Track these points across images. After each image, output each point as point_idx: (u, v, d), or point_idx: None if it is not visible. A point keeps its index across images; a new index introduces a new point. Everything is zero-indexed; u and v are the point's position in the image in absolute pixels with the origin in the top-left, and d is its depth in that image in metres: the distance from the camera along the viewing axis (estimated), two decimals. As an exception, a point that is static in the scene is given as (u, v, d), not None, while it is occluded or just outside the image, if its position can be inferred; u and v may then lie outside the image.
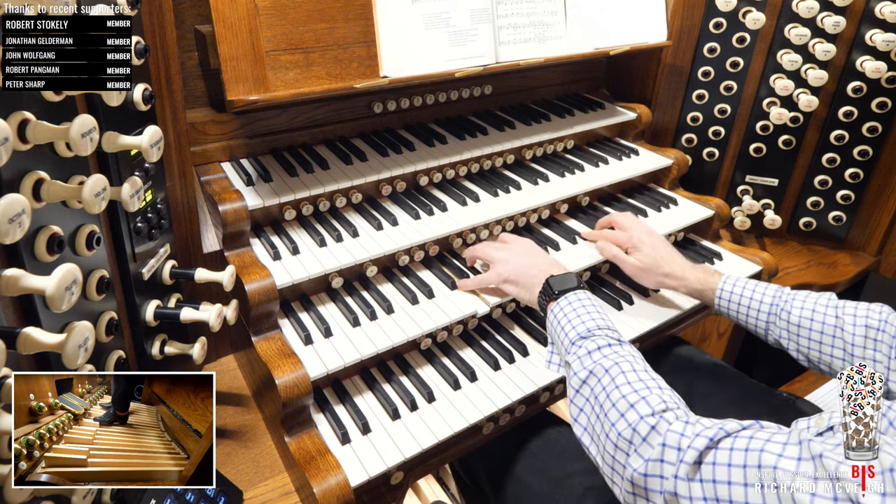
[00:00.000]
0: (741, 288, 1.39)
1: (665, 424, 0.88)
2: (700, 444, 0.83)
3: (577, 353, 1.08)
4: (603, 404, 0.97)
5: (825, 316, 1.24)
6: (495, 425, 1.35)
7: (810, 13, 1.82)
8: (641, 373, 1.00)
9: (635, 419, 0.91)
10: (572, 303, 1.18)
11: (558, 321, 1.17)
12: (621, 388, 0.97)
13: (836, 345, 1.22)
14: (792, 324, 1.29)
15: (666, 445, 0.86)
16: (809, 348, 1.28)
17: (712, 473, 0.80)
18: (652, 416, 0.90)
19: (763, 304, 1.34)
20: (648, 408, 0.92)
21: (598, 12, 1.78)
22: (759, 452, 0.77)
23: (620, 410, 0.94)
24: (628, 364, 1.01)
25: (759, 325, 1.36)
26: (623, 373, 0.99)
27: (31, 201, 0.80)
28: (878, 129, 1.91)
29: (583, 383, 1.03)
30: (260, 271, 1.26)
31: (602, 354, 1.05)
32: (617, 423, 0.93)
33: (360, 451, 1.17)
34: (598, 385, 1.00)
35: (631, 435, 0.91)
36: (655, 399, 0.93)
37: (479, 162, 1.73)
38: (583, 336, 1.10)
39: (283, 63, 1.34)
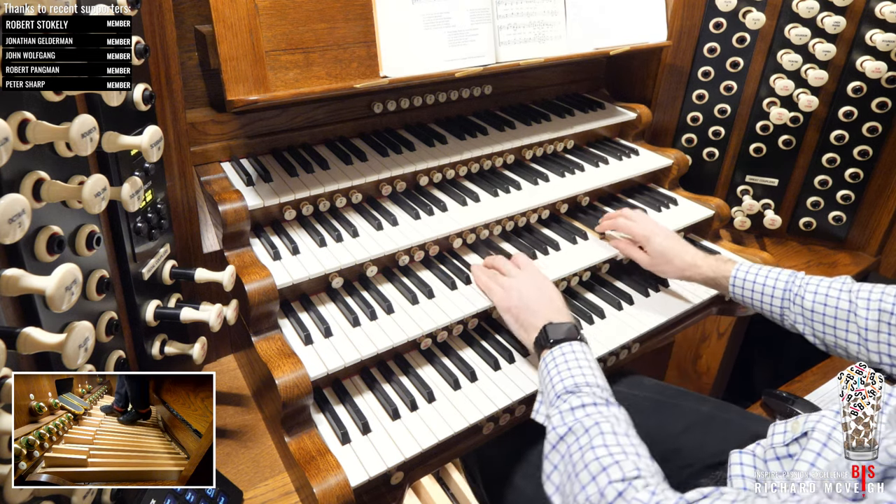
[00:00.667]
0: (754, 275, 1.39)
1: (633, 492, 0.85)
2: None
3: (560, 407, 1.05)
4: (576, 464, 0.94)
5: (839, 301, 1.24)
6: (495, 425, 1.35)
7: (810, 13, 1.82)
8: (622, 436, 0.96)
9: (605, 484, 0.88)
10: (565, 354, 1.15)
11: (548, 371, 1.15)
12: (597, 449, 0.93)
13: (851, 329, 1.22)
14: (806, 309, 1.29)
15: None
16: (825, 333, 1.27)
17: None
18: (622, 482, 0.87)
19: (777, 290, 1.34)
20: (620, 473, 0.88)
21: (598, 12, 1.78)
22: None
23: (592, 473, 0.90)
24: (609, 426, 0.97)
25: (774, 310, 1.36)
26: (602, 434, 0.96)
27: (31, 201, 0.80)
28: (878, 129, 1.91)
29: (560, 439, 1.00)
30: (260, 271, 1.26)
31: (585, 413, 1.01)
32: (587, 486, 0.89)
33: (360, 451, 1.17)
34: (576, 444, 0.97)
35: (598, 500, 0.87)
36: (629, 465, 0.89)
37: (479, 162, 1.73)
38: (569, 391, 1.07)
39: (283, 63, 1.34)
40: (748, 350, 2.47)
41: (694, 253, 1.51)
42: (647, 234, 1.57)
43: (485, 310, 1.42)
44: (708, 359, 2.40)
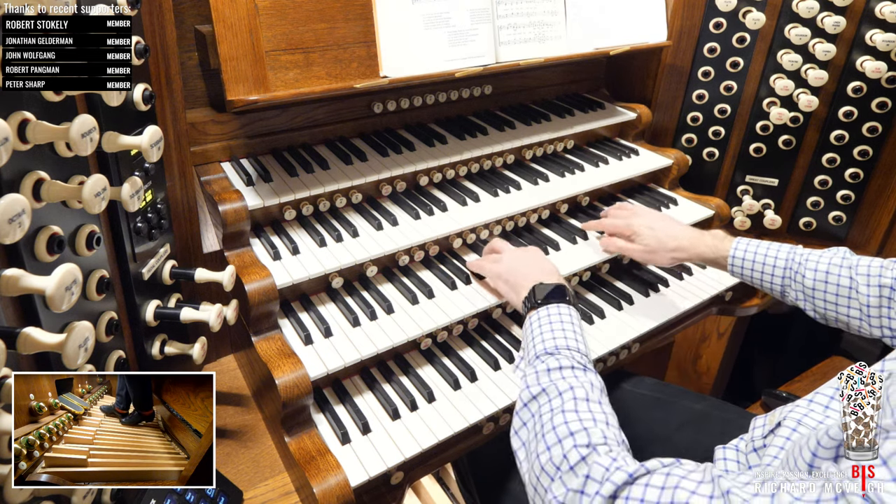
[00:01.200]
0: (753, 253, 1.38)
1: (595, 456, 0.86)
2: (619, 479, 0.81)
3: (536, 367, 1.05)
4: (545, 425, 0.94)
5: (839, 277, 1.24)
6: (495, 425, 1.35)
7: (810, 13, 1.82)
8: (593, 403, 0.96)
9: (570, 447, 0.88)
10: (551, 315, 1.15)
11: (531, 330, 1.15)
12: (567, 413, 0.94)
13: (853, 305, 1.23)
14: (807, 287, 1.29)
15: (589, 477, 0.84)
16: (826, 309, 1.28)
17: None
18: (586, 447, 0.87)
19: (777, 268, 1.34)
20: (586, 438, 0.89)
21: (598, 12, 1.78)
22: (674, 490, 0.76)
23: (559, 435, 0.91)
24: (583, 391, 0.98)
25: (775, 287, 1.36)
26: (575, 399, 0.96)
27: (31, 201, 0.80)
28: (878, 129, 1.91)
29: (532, 398, 1.01)
30: (260, 271, 1.26)
31: (561, 375, 1.02)
32: (552, 447, 0.90)
33: (360, 451, 1.17)
34: (547, 405, 0.97)
35: (560, 461, 0.88)
36: (597, 433, 0.90)
37: (479, 162, 1.73)
38: (548, 352, 1.07)
39: (283, 63, 1.34)
40: (748, 350, 2.47)
41: (688, 234, 1.48)
42: (630, 224, 1.54)
43: (485, 310, 1.42)
44: (708, 359, 2.40)
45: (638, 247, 1.51)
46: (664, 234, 1.49)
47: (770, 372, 2.64)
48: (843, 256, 1.27)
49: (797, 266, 1.32)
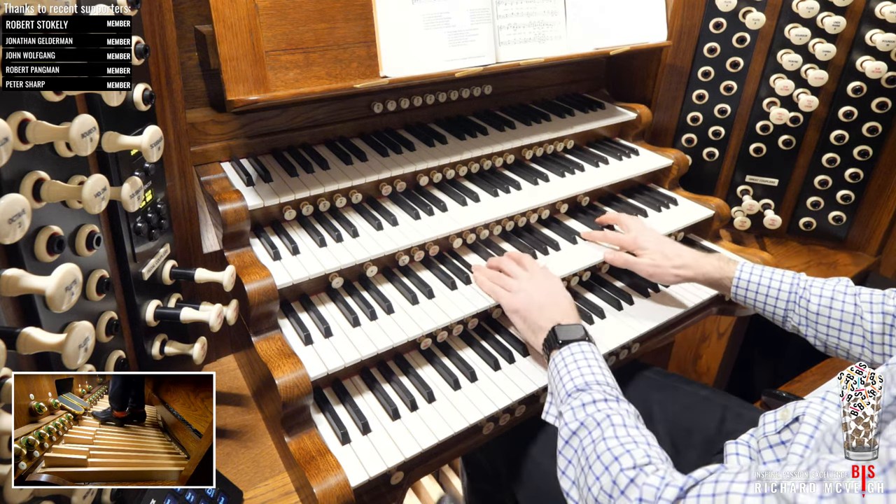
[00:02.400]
0: (758, 276, 1.40)
1: (644, 477, 0.87)
2: (670, 495, 0.82)
3: (571, 404, 1.07)
4: (589, 457, 0.96)
5: (844, 304, 1.26)
6: (495, 425, 1.35)
7: (810, 13, 1.82)
8: (631, 428, 0.98)
9: (616, 472, 0.90)
10: (574, 354, 1.17)
11: (558, 371, 1.16)
12: (608, 440, 0.95)
13: (856, 332, 1.25)
14: (811, 312, 1.31)
15: (642, 500, 0.85)
16: (828, 335, 1.29)
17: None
18: (633, 469, 0.89)
19: (781, 293, 1.36)
20: (631, 461, 0.90)
21: (598, 12, 1.78)
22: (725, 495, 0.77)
23: (605, 463, 0.93)
24: (619, 418, 1.00)
25: (777, 312, 1.38)
26: (613, 426, 0.98)
27: (31, 201, 0.80)
28: (878, 129, 1.91)
29: (573, 434, 1.02)
30: (260, 271, 1.26)
31: (596, 409, 1.03)
32: (601, 477, 0.92)
33: (360, 451, 1.17)
34: (588, 437, 0.99)
35: (611, 489, 0.89)
36: (640, 453, 0.92)
37: (479, 162, 1.73)
38: (580, 389, 1.09)
39: (283, 63, 1.34)
40: (748, 350, 2.47)
41: (691, 253, 1.51)
42: (637, 241, 1.55)
43: (485, 310, 1.42)
44: (708, 359, 2.40)
45: (645, 261, 1.52)
46: (670, 252, 1.51)
47: (770, 372, 2.63)
48: (846, 285, 1.30)
49: (801, 291, 1.34)
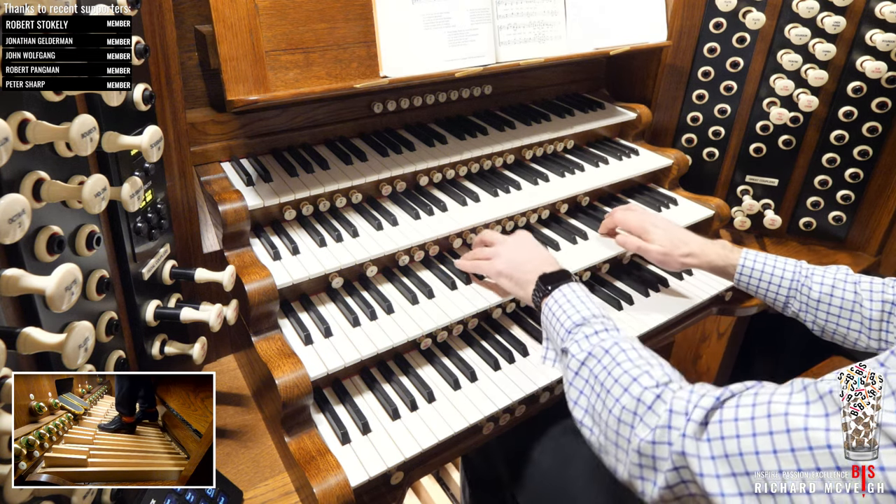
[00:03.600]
0: (762, 264, 1.43)
1: (670, 393, 0.88)
2: (707, 403, 0.83)
3: (574, 337, 1.09)
4: (604, 382, 0.97)
5: (844, 292, 1.30)
6: (495, 425, 1.35)
7: (810, 13, 1.82)
8: (642, 350, 1.00)
9: (639, 391, 0.91)
10: (566, 294, 1.19)
11: (553, 313, 1.18)
12: (623, 364, 0.96)
13: (854, 318, 1.29)
14: (812, 299, 1.35)
15: (673, 411, 0.86)
16: (827, 321, 1.34)
17: (720, 431, 0.80)
18: (657, 387, 0.90)
19: (784, 280, 1.39)
20: (652, 380, 0.91)
21: (598, 12, 1.78)
22: (767, 404, 0.77)
23: (623, 385, 0.93)
24: (628, 343, 1.02)
25: (779, 299, 1.41)
26: (623, 351, 1.00)
27: (31, 201, 0.80)
28: (878, 129, 1.91)
29: (581, 364, 1.03)
30: (260, 271, 1.26)
31: (600, 338, 1.05)
32: (621, 398, 0.92)
33: (360, 451, 1.17)
34: (599, 365, 1.00)
35: (635, 406, 0.90)
36: (659, 372, 0.93)
37: (479, 162, 1.73)
38: (578, 324, 1.11)
39: (283, 63, 1.34)
40: (748, 350, 2.47)
41: (698, 241, 1.52)
42: (644, 224, 1.57)
43: (485, 310, 1.42)
44: (708, 359, 2.40)
45: (655, 248, 1.53)
46: (677, 239, 1.52)
47: (770, 372, 2.64)
48: (846, 273, 1.34)
49: (804, 279, 1.37)
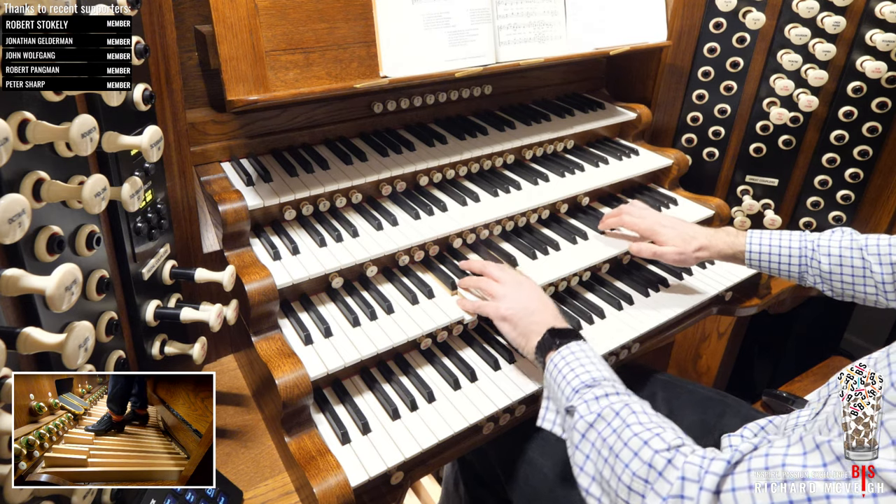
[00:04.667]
0: (767, 244, 1.45)
1: (682, 458, 0.84)
2: (718, 469, 0.79)
3: (584, 397, 1.03)
4: (613, 446, 0.92)
5: (852, 259, 1.34)
6: (495, 425, 1.35)
7: (810, 13, 1.82)
8: (653, 415, 0.96)
9: (650, 455, 0.86)
10: (575, 353, 1.14)
11: (559, 370, 1.13)
12: (633, 426, 0.92)
13: (868, 283, 1.33)
14: (823, 272, 1.38)
15: (685, 479, 0.82)
16: (843, 289, 1.38)
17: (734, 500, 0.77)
18: (668, 451, 0.86)
19: (792, 258, 1.42)
20: (664, 443, 0.87)
21: (598, 12, 1.78)
22: (782, 468, 0.74)
23: (633, 449, 0.88)
24: (638, 406, 0.97)
25: (793, 274, 1.44)
26: (634, 413, 0.95)
27: (31, 201, 0.80)
28: (878, 129, 1.91)
29: (590, 426, 0.98)
30: (260, 271, 1.26)
31: (610, 401, 1.00)
32: (631, 463, 0.87)
33: (360, 451, 1.17)
34: (608, 428, 0.95)
35: (647, 473, 0.85)
36: (671, 435, 0.89)
37: (479, 162, 1.73)
38: (588, 385, 1.06)
39: (283, 63, 1.34)
40: (748, 350, 2.47)
41: (705, 233, 1.53)
42: (654, 226, 1.57)
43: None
44: (708, 359, 2.40)
45: (670, 250, 1.53)
46: (687, 236, 1.53)
47: (770, 372, 2.64)
48: (851, 238, 1.36)
49: (811, 252, 1.40)
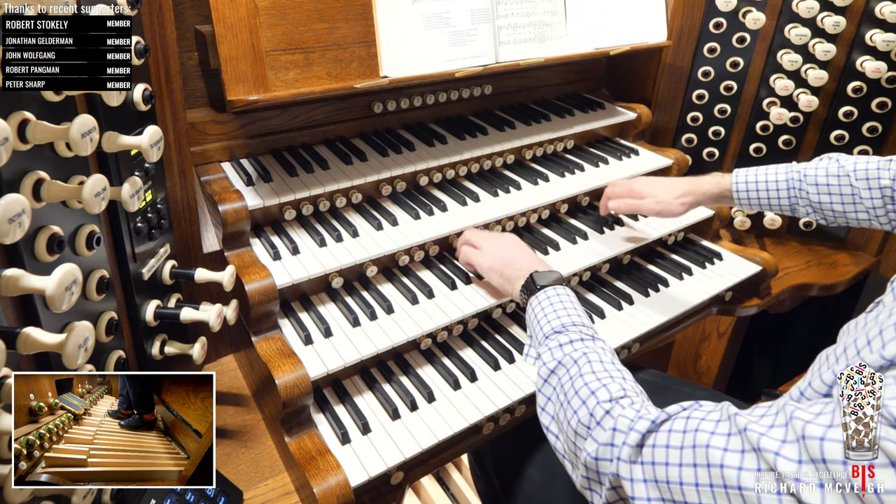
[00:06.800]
0: (754, 180, 1.47)
1: (619, 409, 0.90)
2: (642, 427, 0.84)
3: (549, 345, 1.10)
4: (567, 392, 0.99)
5: (840, 187, 1.35)
6: (495, 425, 1.35)
7: (810, 13, 1.82)
8: (608, 364, 1.02)
9: (593, 404, 0.93)
10: (550, 297, 1.19)
11: (535, 314, 1.19)
12: (585, 376, 0.99)
13: (859, 209, 1.35)
14: (813, 202, 1.39)
15: (616, 430, 0.88)
16: (835, 216, 1.39)
17: (652, 455, 0.82)
18: (609, 402, 0.92)
19: (780, 190, 1.44)
20: (608, 394, 0.93)
21: (598, 12, 1.78)
22: (694, 433, 0.79)
23: (582, 398, 0.96)
24: (596, 355, 1.04)
25: (784, 206, 1.45)
26: (590, 362, 1.02)
27: (31, 201, 0.80)
28: (878, 129, 1.91)
29: (551, 373, 1.06)
30: (260, 271, 1.26)
31: (573, 348, 1.07)
32: (578, 410, 0.95)
33: (360, 451, 1.17)
34: (566, 375, 1.02)
35: (588, 420, 0.92)
36: (616, 387, 0.95)
37: (479, 162, 1.73)
38: (556, 331, 1.12)
39: (283, 63, 1.34)
40: (748, 350, 2.47)
41: (687, 179, 1.56)
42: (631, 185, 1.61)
43: (485, 310, 1.42)
44: (708, 359, 2.40)
45: (648, 200, 1.57)
46: (667, 185, 1.57)
47: (770, 372, 2.63)
48: (838, 165, 1.37)
49: (798, 184, 1.41)
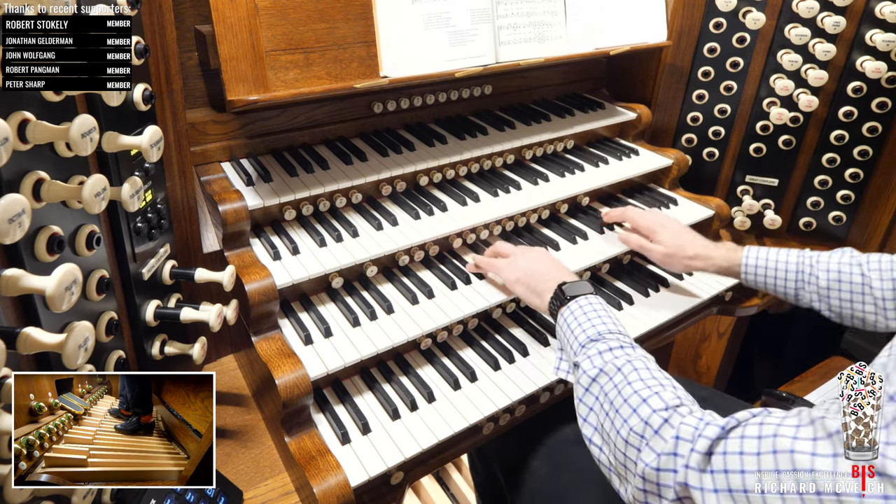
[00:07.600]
0: (764, 259, 1.44)
1: (678, 418, 0.87)
2: (711, 433, 0.81)
3: (587, 353, 1.07)
4: (614, 401, 0.95)
5: (851, 276, 1.30)
6: (495, 425, 1.35)
7: (810, 13, 1.82)
8: (655, 371, 0.99)
9: (647, 413, 0.90)
10: (583, 307, 1.17)
11: (568, 325, 1.16)
12: (633, 384, 0.95)
13: (867, 301, 1.29)
14: (822, 287, 1.35)
15: (679, 438, 0.84)
16: (841, 308, 1.34)
17: (724, 463, 0.78)
18: (665, 411, 0.89)
19: (789, 273, 1.40)
20: (662, 402, 0.90)
21: (598, 12, 1.78)
22: (773, 438, 0.75)
23: (632, 406, 0.92)
24: (641, 363, 1.00)
25: (789, 291, 1.42)
26: (636, 370, 0.98)
27: (31, 201, 0.80)
28: (878, 129, 1.91)
29: (592, 381, 1.02)
30: (260, 271, 1.26)
31: (613, 355, 1.03)
32: (629, 419, 0.91)
33: (360, 451, 1.17)
34: (610, 383, 0.99)
35: (643, 429, 0.89)
36: (669, 395, 0.92)
37: (479, 162, 1.73)
38: (593, 339, 1.09)
39: (283, 63, 1.34)
40: (748, 350, 2.47)
41: (703, 243, 1.53)
42: (654, 226, 1.57)
43: (485, 310, 1.42)
44: (708, 359, 2.40)
45: (658, 248, 1.54)
46: (684, 241, 1.53)
47: (770, 372, 2.64)
48: (851, 255, 1.33)
49: (809, 269, 1.37)
